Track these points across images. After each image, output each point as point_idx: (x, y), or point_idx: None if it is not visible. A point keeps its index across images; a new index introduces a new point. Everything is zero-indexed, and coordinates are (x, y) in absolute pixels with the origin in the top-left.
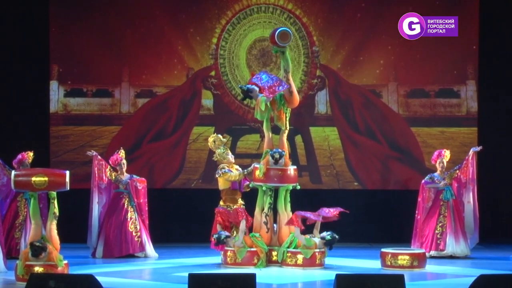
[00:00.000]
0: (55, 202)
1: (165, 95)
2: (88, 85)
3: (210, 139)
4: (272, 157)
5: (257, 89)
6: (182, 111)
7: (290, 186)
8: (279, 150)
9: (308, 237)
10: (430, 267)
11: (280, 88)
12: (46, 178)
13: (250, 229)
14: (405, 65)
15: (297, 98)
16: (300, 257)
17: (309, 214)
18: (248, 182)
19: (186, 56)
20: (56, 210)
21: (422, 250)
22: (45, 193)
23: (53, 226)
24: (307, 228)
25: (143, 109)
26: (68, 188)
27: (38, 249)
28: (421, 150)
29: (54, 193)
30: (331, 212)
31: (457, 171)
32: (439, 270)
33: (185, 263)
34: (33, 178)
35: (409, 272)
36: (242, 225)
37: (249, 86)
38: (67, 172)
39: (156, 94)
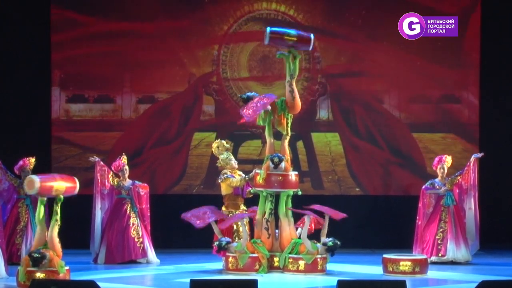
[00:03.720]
0: (59, 208)
1: (167, 101)
2: (90, 91)
3: (214, 145)
4: (272, 161)
5: (257, 95)
6: (184, 117)
7: (291, 192)
8: (279, 154)
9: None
10: (432, 273)
11: (259, 105)
12: (65, 184)
13: (251, 235)
14: (407, 71)
15: (299, 104)
16: (302, 263)
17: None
18: (250, 188)
19: (187, 62)
20: (58, 217)
21: (424, 256)
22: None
23: (55, 233)
24: (313, 234)
25: (145, 115)
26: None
27: (37, 259)
28: (423, 156)
29: (62, 197)
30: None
31: (458, 177)
32: (440, 276)
33: (187, 268)
34: (55, 185)
35: (410, 278)
36: (245, 232)
37: (249, 94)
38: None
39: (157, 100)
